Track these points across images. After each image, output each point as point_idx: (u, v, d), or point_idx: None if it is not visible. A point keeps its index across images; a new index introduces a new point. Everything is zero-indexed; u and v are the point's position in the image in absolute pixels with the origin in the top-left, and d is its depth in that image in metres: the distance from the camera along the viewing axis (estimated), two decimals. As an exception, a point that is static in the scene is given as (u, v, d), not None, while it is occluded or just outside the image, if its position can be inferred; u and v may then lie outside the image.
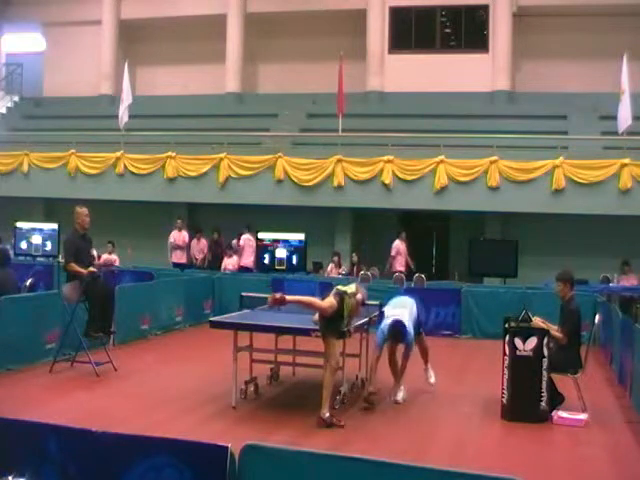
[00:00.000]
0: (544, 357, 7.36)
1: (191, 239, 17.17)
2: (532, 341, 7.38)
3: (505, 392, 7.46)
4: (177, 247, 16.82)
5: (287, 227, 15.56)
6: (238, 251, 16.55)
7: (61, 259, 10.64)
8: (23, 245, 15.56)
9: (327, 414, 6.90)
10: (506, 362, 7.48)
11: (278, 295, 6.94)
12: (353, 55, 19.79)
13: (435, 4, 21.36)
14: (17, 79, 24.50)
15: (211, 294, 14.16)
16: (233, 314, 8.59)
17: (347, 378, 7.94)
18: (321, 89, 20.12)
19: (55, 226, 15.40)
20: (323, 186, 17.09)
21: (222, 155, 17.67)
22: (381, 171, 16.68)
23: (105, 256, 16.07)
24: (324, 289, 8.63)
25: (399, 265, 16.05)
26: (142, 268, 15.35)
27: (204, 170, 17.81)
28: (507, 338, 7.51)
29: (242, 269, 16.19)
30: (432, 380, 8.64)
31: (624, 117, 15.66)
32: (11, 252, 12.18)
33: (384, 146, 17.17)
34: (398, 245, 16.18)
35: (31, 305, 9.46)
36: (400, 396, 8.09)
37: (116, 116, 18.66)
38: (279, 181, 17.33)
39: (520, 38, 20.16)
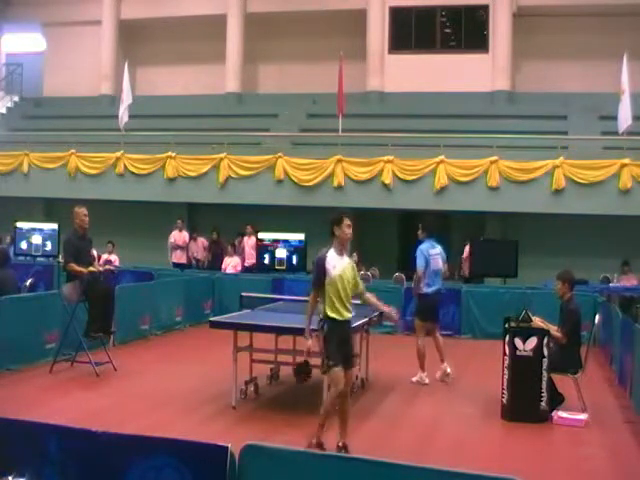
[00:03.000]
0: (544, 357, 7.37)
1: (190, 239, 17.19)
2: (532, 341, 7.40)
3: (505, 392, 7.47)
4: (177, 247, 16.83)
5: (287, 227, 15.54)
6: (238, 251, 16.59)
7: (61, 259, 10.64)
8: (23, 245, 15.56)
9: (314, 441, 6.11)
10: (506, 362, 7.50)
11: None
12: (353, 55, 19.74)
13: (435, 4, 21.30)
14: (17, 79, 24.43)
15: (211, 294, 14.17)
16: (233, 314, 8.61)
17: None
18: (321, 89, 20.08)
19: (55, 226, 15.41)
20: (323, 186, 17.07)
21: (222, 155, 17.65)
22: (381, 171, 16.66)
23: (105, 256, 16.05)
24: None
25: (466, 267, 15.49)
26: (142, 268, 15.36)
27: (204, 170, 17.79)
28: (507, 338, 7.52)
29: (245, 269, 16.22)
30: (418, 378, 9.06)
31: (624, 117, 15.65)
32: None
33: (384, 146, 17.14)
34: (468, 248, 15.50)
35: (31, 305, 9.47)
36: (437, 374, 9.10)
37: (116, 116, 18.65)
38: (279, 181, 17.31)
39: (520, 38, 20.10)
